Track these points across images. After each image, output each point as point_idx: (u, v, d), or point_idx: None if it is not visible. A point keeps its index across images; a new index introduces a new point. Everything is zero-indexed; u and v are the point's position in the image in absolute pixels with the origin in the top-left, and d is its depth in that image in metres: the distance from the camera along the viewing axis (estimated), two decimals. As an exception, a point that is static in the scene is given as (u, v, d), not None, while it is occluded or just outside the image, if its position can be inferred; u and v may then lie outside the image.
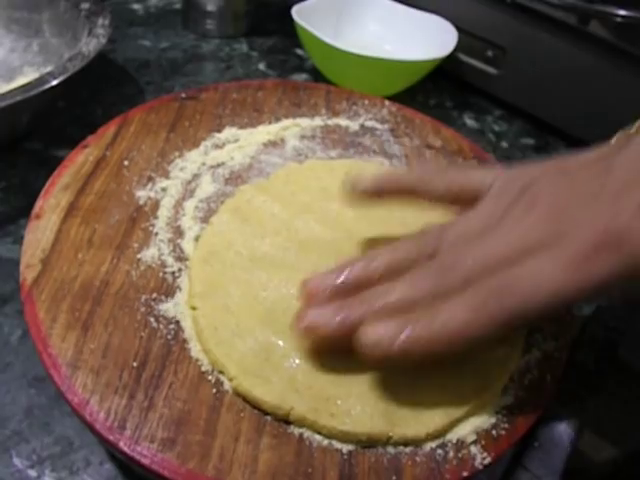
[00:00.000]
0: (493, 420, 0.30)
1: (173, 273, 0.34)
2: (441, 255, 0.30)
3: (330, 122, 0.45)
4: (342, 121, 0.46)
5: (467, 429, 0.29)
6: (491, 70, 0.61)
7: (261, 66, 0.65)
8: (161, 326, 0.31)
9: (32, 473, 0.32)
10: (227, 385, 0.29)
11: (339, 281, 0.30)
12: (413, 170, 0.34)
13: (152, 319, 0.31)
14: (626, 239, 0.26)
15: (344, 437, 0.28)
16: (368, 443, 0.28)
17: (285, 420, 0.28)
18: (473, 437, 0.29)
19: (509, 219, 0.29)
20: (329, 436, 0.28)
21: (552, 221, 0.28)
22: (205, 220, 0.37)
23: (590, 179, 0.29)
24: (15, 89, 0.42)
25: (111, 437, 0.27)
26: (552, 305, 0.27)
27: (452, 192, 0.32)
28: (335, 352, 0.30)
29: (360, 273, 0.30)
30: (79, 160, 0.38)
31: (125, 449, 0.26)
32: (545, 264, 0.27)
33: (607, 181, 0.28)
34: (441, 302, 0.28)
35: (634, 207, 0.26)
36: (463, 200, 0.32)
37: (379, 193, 0.33)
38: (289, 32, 0.62)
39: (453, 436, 0.29)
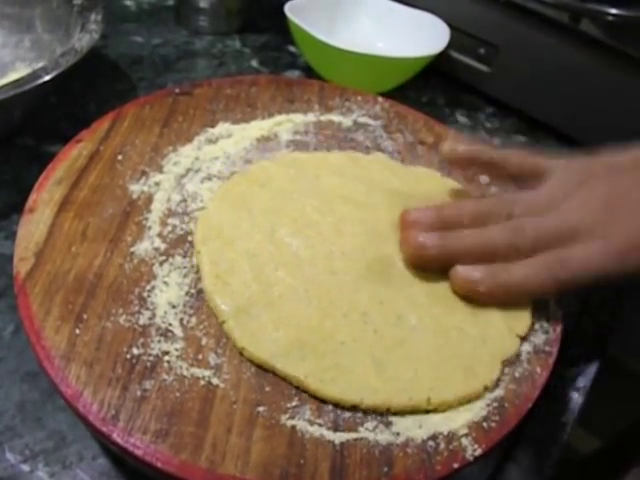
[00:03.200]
0: (484, 412, 0.30)
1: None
2: (515, 218, 0.36)
3: (323, 118, 0.46)
4: (335, 117, 0.46)
5: (458, 422, 0.30)
6: (483, 68, 0.62)
7: (254, 63, 0.65)
8: (155, 319, 0.31)
9: (25, 468, 0.32)
10: (220, 377, 0.29)
11: (437, 214, 0.36)
12: (492, 148, 0.41)
13: (145, 311, 0.31)
14: None
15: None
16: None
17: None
18: (464, 429, 0.29)
19: (570, 203, 0.36)
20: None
21: (604, 214, 0.35)
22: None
23: (634, 185, 0.36)
24: (7, 84, 0.42)
25: (104, 428, 0.27)
26: (595, 281, 0.34)
27: (522, 170, 0.39)
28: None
29: (453, 212, 0.37)
30: (73, 154, 0.38)
31: (118, 440, 0.26)
32: (596, 248, 0.34)
33: None
34: (515, 258, 0.35)
35: None
36: (525, 179, 0.39)
37: (469, 161, 0.40)
38: (282, 29, 0.62)
39: (444, 428, 0.29)
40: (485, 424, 0.30)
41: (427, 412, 0.30)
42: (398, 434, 0.29)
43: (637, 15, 0.52)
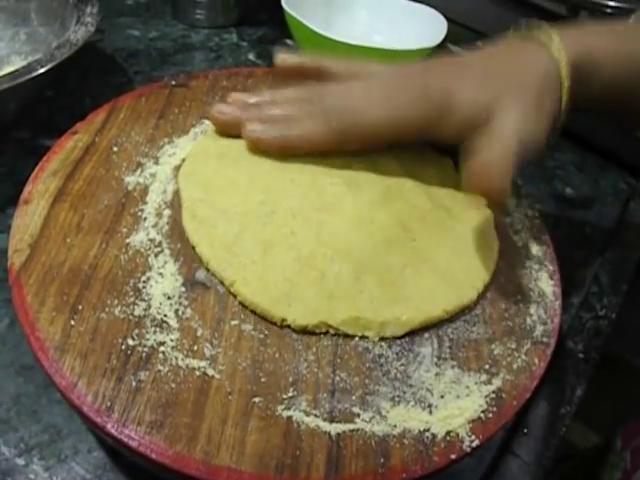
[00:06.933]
0: (482, 404, 0.30)
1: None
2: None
3: (320, 110, 0.45)
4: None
5: (457, 423, 0.29)
6: (481, 61, 0.61)
7: (251, 56, 0.65)
8: (150, 310, 0.31)
9: (20, 461, 0.32)
10: (215, 368, 0.29)
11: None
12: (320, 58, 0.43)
13: (140, 302, 0.31)
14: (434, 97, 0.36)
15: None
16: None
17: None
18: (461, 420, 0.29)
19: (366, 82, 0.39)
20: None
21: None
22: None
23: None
24: (2, 77, 0.41)
25: (98, 420, 0.26)
26: (379, 128, 0.37)
27: (347, 74, 0.40)
28: None
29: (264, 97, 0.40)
30: (68, 146, 0.38)
31: (112, 432, 0.26)
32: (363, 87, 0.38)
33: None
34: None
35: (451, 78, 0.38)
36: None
37: (299, 71, 0.41)
38: (279, 22, 0.61)
39: (442, 425, 0.29)
40: (482, 415, 0.29)
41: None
42: (395, 426, 0.29)
43: (635, 7, 0.52)
